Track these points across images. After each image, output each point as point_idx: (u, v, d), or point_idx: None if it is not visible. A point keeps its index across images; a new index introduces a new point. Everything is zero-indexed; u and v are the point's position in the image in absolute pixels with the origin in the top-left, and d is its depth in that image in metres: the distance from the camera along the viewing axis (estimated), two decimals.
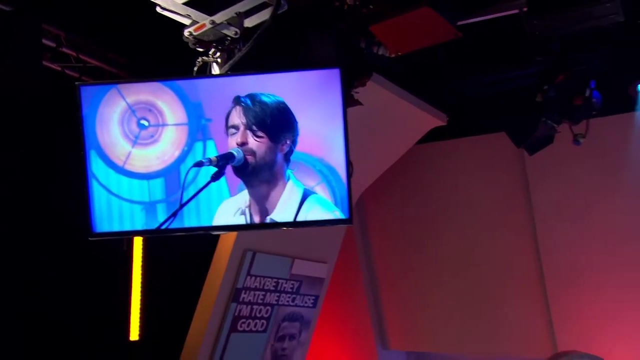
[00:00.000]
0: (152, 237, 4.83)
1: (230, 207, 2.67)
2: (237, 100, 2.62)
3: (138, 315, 5.02)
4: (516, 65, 5.06)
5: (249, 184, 2.65)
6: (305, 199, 2.65)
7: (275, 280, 5.87)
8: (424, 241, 6.91)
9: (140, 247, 4.92)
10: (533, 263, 6.27)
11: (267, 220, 2.67)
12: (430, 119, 5.62)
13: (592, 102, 4.67)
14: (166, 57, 3.88)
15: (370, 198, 7.00)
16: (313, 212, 2.66)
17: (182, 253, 5.02)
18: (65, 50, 4.26)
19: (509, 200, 6.32)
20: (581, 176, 5.82)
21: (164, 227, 2.58)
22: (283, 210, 2.66)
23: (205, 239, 5.37)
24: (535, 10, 4.01)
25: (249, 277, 5.58)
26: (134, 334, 4.99)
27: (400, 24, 3.22)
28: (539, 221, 6.15)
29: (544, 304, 6.26)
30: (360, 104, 4.23)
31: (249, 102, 2.62)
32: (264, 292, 5.80)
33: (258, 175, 2.63)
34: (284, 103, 2.62)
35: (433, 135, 6.02)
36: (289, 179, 2.66)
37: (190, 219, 2.63)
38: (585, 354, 5.41)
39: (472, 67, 5.28)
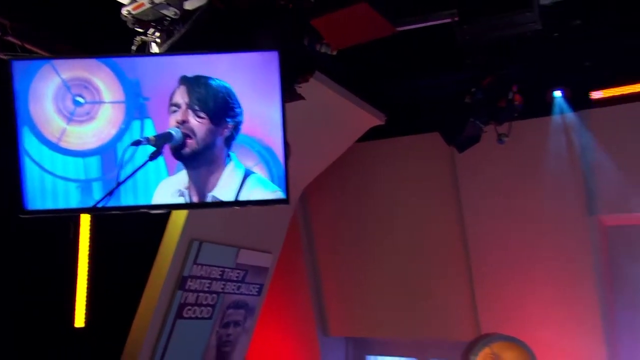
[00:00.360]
0: (100, 225, 4.59)
1: (169, 187, 2.48)
2: (183, 80, 2.44)
3: (84, 302, 4.72)
4: (451, 70, 5.06)
5: (188, 165, 2.46)
6: (246, 178, 2.49)
7: (222, 269, 5.70)
8: (364, 234, 6.87)
9: (87, 234, 4.63)
10: (461, 254, 6.31)
11: (208, 199, 2.48)
12: (369, 118, 5.57)
13: (514, 105, 4.71)
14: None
15: (313, 192, 6.90)
16: (254, 192, 2.52)
17: (129, 241, 4.79)
18: (10, 39, 3.94)
19: (440, 195, 6.34)
20: (505, 174, 5.88)
21: (99, 205, 2.36)
22: (224, 190, 2.49)
23: (152, 227, 5.15)
24: (464, 18, 4.01)
25: (195, 266, 5.39)
26: (80, 321, 4.69)
27: (339, 19, 3.13)
28: (467, 215, 6.20)
29: (470, 292, 6.31)
30: (303, 98, 4.10)
31: (194, 83, 2.44)
32: (210, 281, 5.61)
33: (197, 157, 2.45)
34: (229, 89, 2.46)
35: (372, 134, 5.98)
36: (229, 161, 2.49)
37: (127, 198, 2.42)
38: (504, 335, 5.47)
39: (410, 71, 5.26)
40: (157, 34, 2.58)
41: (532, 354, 5.25)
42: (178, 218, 5.10)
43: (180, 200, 2.48)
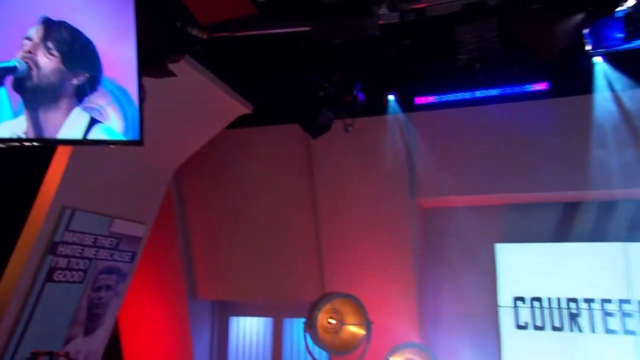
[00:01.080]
0: None
1: (7, 131, 2.00)
2: (43, 20, 2.00)
3: None
4: (310, 68, 4.95)
5: (29, 104, 2.00)
6: (92, 127, 2.10)
7: (94, 236, 5.11)
8: (232, 209, 6.62)
9: None
10: (312, 228, 6.32)
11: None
12: (238, 107, 5.32)
13: (358, 101, 4.76)
14: None
15: (187, 171, 6.51)
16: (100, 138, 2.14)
17: None
18: None
19: (298, 177, 6.26)
20: (350, 161, 5.95)
21: None
22: (68, 133, 2.07)
23: (23, 191, 4.47)
24: (319, 19, 3.95)
25: (67, 232, 4.77)
26: None
27: None
28: (319, 195, 6.19)
29: (318, 260, 6.31)
30: (174, 74, 3.76)
31: (55, 24, 2.01)
32: (82, 247, 5.01)
33: (40, 94, 2.00)
34: (90, 42, 2.07)
35: (242, 122, 5.74)
36: (75, 107, 2.08)
37: None
38: (343, 293, 5.53)
39: (275, 67, 5.10)
40: None
41: (363, 307, 5.36)
42: (50, 184, 4.46)
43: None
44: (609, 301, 5.49)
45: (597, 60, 4.73)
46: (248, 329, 7.35)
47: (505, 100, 5.25)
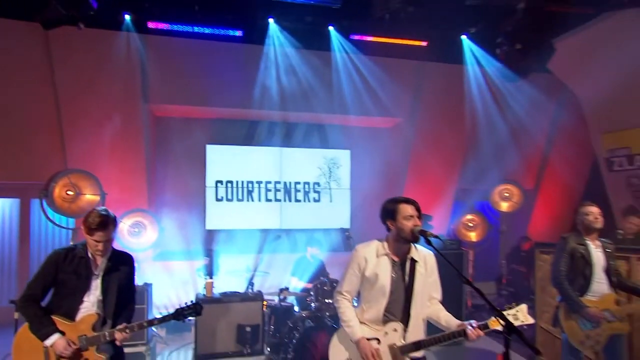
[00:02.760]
0: None
1: None
2: None
3: None
4: None
5: None
6: None
7: None
8: None
9: None
10: (54, 114, 5.61)
11: None
12: None
13: (89, 3, 4.46)
14: None
15: None
16: None
17: None
18: None
19: (37, 70, 5.39)
20: (91, 64, 5.42)
21: None
22: None
23: None
24: None
25: None
26: None
27: None
28: (60, 87, 5.50)
29: (61, 142, 5.70)
30: None
31: None
32: None
33: None
34: None
35: None
36: None
37: None
38: (79, 169, 5.22)
39: None
40: None
41: (98, 181, 5.15)
42: None
43: None
44: (270, 182, 6.77)
45: (271, 21, 5.56)
46: None
47: (213, 38, 5.65)
